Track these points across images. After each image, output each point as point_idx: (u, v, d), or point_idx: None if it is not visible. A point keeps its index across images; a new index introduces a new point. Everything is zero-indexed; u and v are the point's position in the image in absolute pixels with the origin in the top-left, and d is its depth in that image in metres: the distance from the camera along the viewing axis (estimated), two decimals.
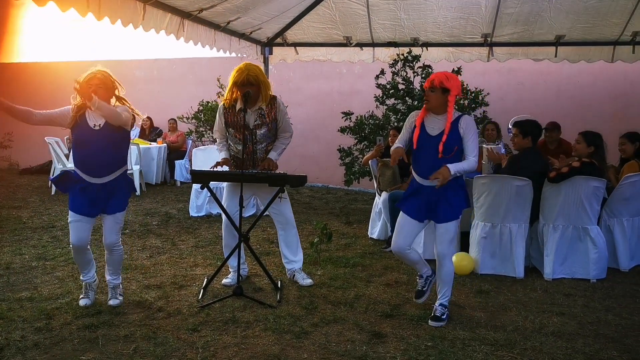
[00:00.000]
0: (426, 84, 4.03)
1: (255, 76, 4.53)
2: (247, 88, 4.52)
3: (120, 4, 4.46)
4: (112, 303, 4.32)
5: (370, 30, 7.55)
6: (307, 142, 10.56)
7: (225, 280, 4.95)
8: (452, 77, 4.00)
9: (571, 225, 5.16)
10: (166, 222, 7.52)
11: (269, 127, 4.73)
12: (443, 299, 4.17)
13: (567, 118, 8.13)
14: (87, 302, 4.33)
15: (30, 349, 3.60)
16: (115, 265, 4.39)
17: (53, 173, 9.87)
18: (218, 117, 4.82)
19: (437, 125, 4.02)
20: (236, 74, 4.54)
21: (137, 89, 12.07)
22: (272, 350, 3.62)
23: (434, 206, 4.02)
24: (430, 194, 4.01)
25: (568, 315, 4.29)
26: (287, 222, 4.93)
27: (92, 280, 4.39)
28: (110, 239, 4.24)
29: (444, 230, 4.04)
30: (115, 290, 4.42)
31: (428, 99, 4.02)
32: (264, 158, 4.78)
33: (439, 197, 3.99)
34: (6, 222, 7.33)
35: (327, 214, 8.18)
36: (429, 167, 3.95)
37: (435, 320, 4.07)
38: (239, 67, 4.57)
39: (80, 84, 4.01)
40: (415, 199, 4.09)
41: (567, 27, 6.97)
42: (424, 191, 4.05)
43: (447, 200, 3.99)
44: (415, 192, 4.11)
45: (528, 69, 9.67)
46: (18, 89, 12.95)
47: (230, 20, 6.32)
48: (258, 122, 4.69)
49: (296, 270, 4.99)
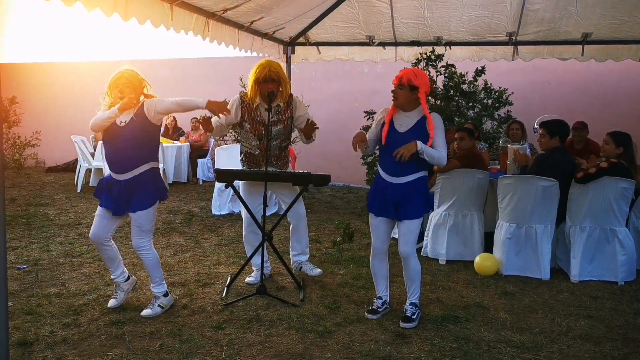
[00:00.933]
0: (395, 81, 4.00)
1: (277, 72, 4.59)
2: (269, 84, 4.54)
3: (148, 5, 4.49)
4: (142, 313, 4.16)
5: (393, 29, 7.50)
6: (328, 141, 10.53)
7: (248, 279, 4.98)
8: (420, 74, 4.02)
9: (599, 227, 5.08)
10: (189, 220, 7.58)
11: (285, 124, 4.77)
12: (413, 297, 4.16)
13: (593, 118, 8.00)
14: (113, 304, 4.29)
15: (58, 344, 3.66)
16: (149, 271, 4.26)
17: (79, 171, 10.01)
18: (234, 105, 4.73)
19: (405, 122, 4.03)
20: (258, 70, 4.58)
21: (161, 89, 12.15)
22: (296, 349, 3.63)
23: (399, 204, 4.00)
24: (395, 192, 4.00)
25: (596, 318, 4.23)
26: (299, 216, 5.00)
27: (121, 279, 4.34)
28: (133, 241, 4.18)
29: (407, 230, 4.02)
30: (156, 300, 4.25)
31: (396, 96, 4.01)
32: (278, 155, 4.82)
33: (405, 196, 3.98)
34: (34, 219, 7.46)
35: (349, 214, 8.17)
36: (397, 164, 3.93)
37: (407, 322, 4.03)
38: (260, 63, 4.62)
39: (110, 84, 4.08)
40: (382, 199, 4.06)
41: (594, 25, 6.85)
42: (390, 189, 4.02)
43: (412, 199, 3.98)
44: (381, 191, 4.07)
45: (553, 68, 9.55)
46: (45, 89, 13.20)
47: (254, 20, 6.33)
48: (274, 118, 4.71)
49: (303, 262, 5.09)
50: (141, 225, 4.13)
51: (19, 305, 4.32)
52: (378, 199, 4.08)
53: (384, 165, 4.09)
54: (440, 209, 5.73)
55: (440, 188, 5.72)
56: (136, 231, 4.15)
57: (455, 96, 7.98)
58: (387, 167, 4.05)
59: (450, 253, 5.64)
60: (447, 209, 5.68)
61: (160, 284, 4.28)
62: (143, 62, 12.32)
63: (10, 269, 5.11)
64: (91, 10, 3.80)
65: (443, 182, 5.68)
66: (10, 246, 5.96)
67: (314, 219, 7.82)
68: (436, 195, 5.75)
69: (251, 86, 4.67)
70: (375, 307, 4.22)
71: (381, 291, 4.30)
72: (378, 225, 4.16)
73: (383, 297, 4.28)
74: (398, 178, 4.00)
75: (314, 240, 6.57)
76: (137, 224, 4.13)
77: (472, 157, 5.76)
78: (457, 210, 5.66)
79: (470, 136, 5.91)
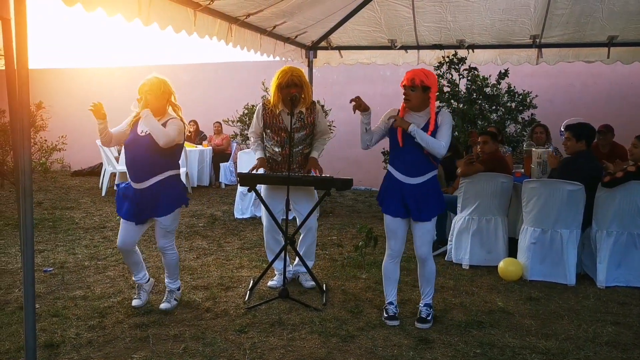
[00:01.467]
0: (406, 82, 3.97)
1: (299, 77, 4.62)
2: (291, 89, 4.58)
3: (171, 11, 4.54)
4: (162, 307, 4.35)
5: (415, 33, 7.47)
6: (350, 145, 10.53)
7: (270, 282, 5.00)
8: (430, 73, 4.02)
9: (626, 232, 5.00)
10: (212, 224, 7.63)
11: (307, 130, 4.79)
12: (427, 299, 4.17)
13: (619, 120, 7.89)
14: (138, 303, 4.41)
15: (84, 346, 3.71)
16: (170, 269, 4.42)
17: (103, 175, 10.15)
18: (256, 117, 4.87)
19: (416, 122, 4.01)
20: (280, 75, 4.63)
21: (184, 93, 12.25)
22: (319, 353, 3.62)
23: (416, 205, 3.99)
24: (411, 193, 3.99)
25: (623, 324, 4.15)
26: (311, 227, 4.95)
27: (144, 281, 4.45)
28: (159, 243, 4.31)
29: (425, 230, 4.04)
30: (171, 294, 4.45)
31: (409, 97, 4.00)
32: (300, 162, 4.83)
33: (421, 196, 3.98)
34: (60, 223, 7.58)
35: (371, 217, 8.15)
36: (412, 164, 3.98)
37: (422, 323, 4.06)
38: (283, 69, 4.67)
39: (139, 92, 4.17)
40: (399, 200, 4.04)
41: (620, 28, 6.75)
42: (406, 189, 4.01)
43: (428, 200, 3.99)
44: (397, 191, 4.05)
45: (578, 70, 9.42)
46: (71, 94, 13.42)
47: (277, 24, 6.36)
48: (297, 125, 4.72)
49: (301, 273, 5.03)
50: (166, 227, 4.25)
51: (46, 307, 4.39)
52: (394, 199, 4.06)
53: (400, 166, 4.07)
54: (464, 213, 5.69)
55: (463, 192, 5.67)
56: (162, 234, 4.26)
57: (478, 99, 7.93)
58: (403, 168, 4.04)
59: (474, 258, 5.59)
60: (470, 214, 5.63)
61: (177, 280, 4.50)
62: (166, 67, 12.47)
63: (37, 272, 5.19)
64: (112, 15, 3.84)
65: (466, 186, 5.64)
66: (37, 249, 6.05)
67: (335, 222, 7.82)
68: (459, 199, 5.71)
69: (273, 92, 4.71)
70: (393, 314, 4.18)
71: (392, 296, 4.25)
72: (396, 227, 4.12)
73: (394, 302, 4.25)
74: (414, 178, 4.00)
75: (335, 244, 6.57)
76: (162, 226, 4.24)
77: (495, 161, 5.70)
78: (480, 215, 5.61)
79: (493, 139, 5.86)
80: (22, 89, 2.96)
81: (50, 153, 10.57)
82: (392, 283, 4.26)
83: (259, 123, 4.85)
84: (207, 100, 12.32)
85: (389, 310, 4.20)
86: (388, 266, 4.24)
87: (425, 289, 4.20)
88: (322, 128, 4.91)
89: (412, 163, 3.98)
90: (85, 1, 3.48)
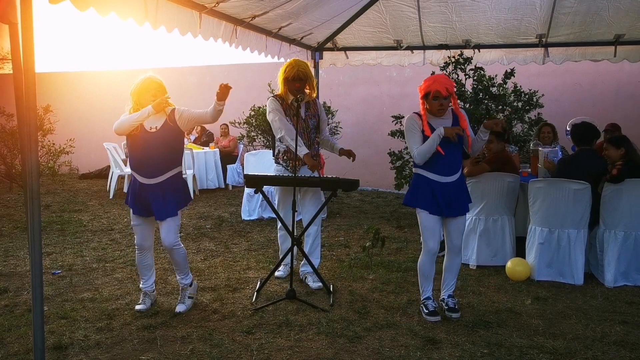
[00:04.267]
0: (444, 93, 4.03)
1: (304, 71, 4.83)
2: (297, 82, 4.79)
3: (177, 14, 4.57)
4: (178, 309, 4.33)
5: (421, 33, 7.47)
6: (357, 145, 10.47)
7: (277, 273, 5.16)
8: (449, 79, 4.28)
9: (634, 232, 4.97)
10: (219, 226, 7.65)
11: (316, 119, 5.02)
12: (451, 290, 4.34)
13: (626, 119, 7.86)
14: (143, 308, 4.39)
15: (92, 348, 3.73)
16: (180, 265, 4.40)
17: (111, 178, 10.20)
18: (273, 111, 4.86)
19: (442, 125, 4.13)
20: (287, 69, 4.83)
21: (191, 96, 12.35)
22: (326, 354, 3.63)
23: (452, 201, 4.15)
24: (447, 191, 4.14)
25: (631, 324, 4.13)
26: (316, 227, 5.06)
27: (150, 290, 4.48)
28: (168, 240, 4.23)
29: (461, 224, 4.28)
30: (184, 292, 4.43)
31: (443, 107, 4.11)
32: (315, 149, 5.03)
33: (456, 193, 4.16)
34: (68, 225, 7.62)
35: (378, 218, 8.15)
36: (450, 164, 4.14)
37: (454, 312, 4.21)
38: (289, 62, 4.87)
39: (139, 91, 4.18)
40: (435, 198, 4.14)
41: (627, 26, 6.72)
42: (441, 188, 4.13)
43: (462, 195, 4.21)
44: (431, 191, 4.14)
45: (585, 69, 9.38)
46: (79, 98, 13.49)
47: (282, 26, 6.38)
48: (308, 113, 4.94)
49: (308, 273, 5.08)
50: (174, 221, 4.27)
51: (54, 309, 4.41)
52: (432, 199, 4.14)
53: (437, 168, 4.14)
54: (471, 213, 5.67)
55: (470, 192, 5.65)
56: (171, 231, 4.24)
57: (485, 99, 7.90)
58: (441, 169, 4.14)
59: (481, 258, 5.57)
60: (477, 214, 5.62)
61: (188, 275, 4.47)
62: (173, 69, 12.53)
63: (45, 274, 5.23)
64: (125, 19, 3.89)
65: (473, 185, 5.62)
66: (45, 252, 6.09)
67: (343, 223, 7.82)
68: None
69: (281, 84, 4.91)
70: (433, 309, 4.24)
71: (429, 291, 4.32)
72: (434, 226, 4.19)
73: (431, 297, 4.32)
74: (451, 177, 4.16)
75: (342, 245, 6.57)
76: (169, 224, 4.23)
77: (502, 160, 5.68)
78: (487, 215, 5.59)
79: (499, 138, 5.82)
80: (29, 93, 2.98)
81: (58, 156, 10.64)
82: (429, 280, 4.33)
83: (280, 112, 4.85)
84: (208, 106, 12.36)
85: (429, 305, 4.26)
86: (426, 264, 4.30)
87: (450, 282, 4.35)
88: (322, 124, 5.11)
89: (449, 163, 4.14)
90: (99, 6, 3.52)
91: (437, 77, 4.14)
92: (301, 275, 5.16)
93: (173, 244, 4.27)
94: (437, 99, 4.05)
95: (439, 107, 4.08)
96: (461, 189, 4.23)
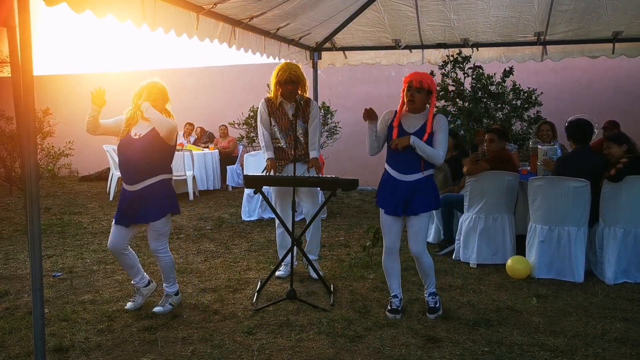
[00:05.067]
0: (416, 84, 4.03)
1: (296, 75, 4.99)
2: (289, 85, 4.95)
3: (175, 15, 4.57)
4: (155, 309, 4.36)
5: (419, 32, 7.47)
6: (356, 145, 10.55)
7: (278, 273, 5.18)
8: (431, 77, 4.17)
9: (634, 228, 4.97)
10: (219, 227, 7.65)
11: (304, 119, 5.14)
12: (430, 288, 4.30)
13: (625, 116, 7.86)
14: (131, 306, 4.42)
15: (93, 349, 3.73)
16: (165, 272, 4.41)
17: (111, 180, 10.20)
18: (261, 111, 5.19)
19: (413, 124, 4.13)
20: (279, 72, 4.99)
21: (190, 97, 12.36)
22: (327, 353, 3.63)
23: (406, 200, 4.09)
24: (405, 190, 4.08)
25: (632, 320, 4.13)
26: (316, 222, 5.16)
27: (142, 284, 4.46)
28: (152, 245, 4.31)
29: (418, 228, 4.12)
30: (167, 298, 4.44)
31: (414, 99, 4.07)
32: (304, 148, 5.14)
33: (413, 193, 4.07)
34: (68, 228, 7.63)
35: (377, 218, 8.10)
36: (406, 162, 4.09)
37: (433, 312, 4.19)
38: (281, 66, 5.03)
39: (139, 94, 4.25)
40: (392, 197, 4.13)
41: (625, 24, 6.72)
42: (401, 186, 4.10)
43: (419, 195, 4.08)
44: (391, 189, 4.15)
45: (583, 67, 9.39)
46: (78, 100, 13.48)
47: (280, 26, 6.38)
48: (297, 114, 5.00)
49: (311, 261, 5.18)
50: (158, 229, 4.27)
51: (55, 312, 4.41)
52: (389, 197, 4.16)
53: (395, 164, 4.17)
54: (470, 212, 5.68)
55: (469, 191, 5.66)
56: (154, 236, 4.29)
57: (484, 98, 7.91)
58: (398, 166, 4.14)
59: (481, 256, 5.58)
60: (477, 212, 5.62)
61: (173, 284, 4.47)
62: (172, 71, 12.52)
63: (46, 277, 5.23)
64: (123, 21, 3.89)
65: (472, 184, 5.63)
66: (45, 254, 6.10)
67: (343, 223, 7.82)
68: (466, 198, 5.70)
69: (273, 87, 5.08)
70: (396, 307, 4.26)
71: (396, 289, 4.35)
72: (390, 224, 4.23)
73: (399, 295, 4.34)
74: (408, 176, 4.10)
75: (342, 244, 6.57)
76: (154, 229, 4.26)
77: (501, 159, 5.68)
78: (487, 213, 5.60)
79: (501, 137, 5.83)
80: (27, 96, 2.99)
81: (58, 159, 10.63)
82: (394, 277, 4.34)
83: (265, 112, 5.16)
84: (212, 104, 12.37)
85: (393, 303, 4.29)
86: (386, 262, 4.35)
87: (426, 281, 4.34)
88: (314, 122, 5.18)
89: (405, 161, 4.10)
90: (95, 8, 3.52)
91: (417, 71, 4.17)
92: (304, 264, 5.30)
93: (156, 250, 4.31)
94: (409, 90, 4.06)
95: (409, 98, 4.07)
96: (421, 190, 4.08)
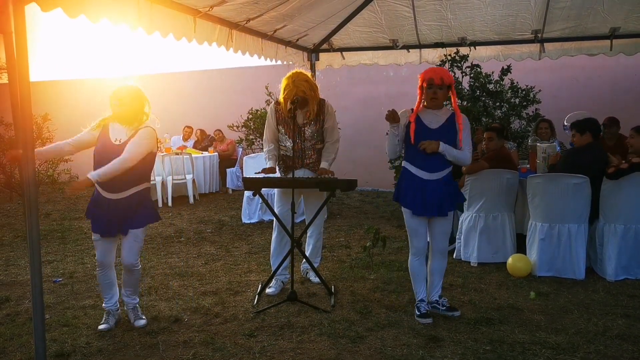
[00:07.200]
0: (437, 82, 3.96)
1: (303, 90, 4.66)
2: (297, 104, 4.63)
3: (171, 19, 4.57)
4: (138, 324, 4.15)
5: (416, 32, 7.48)
6: (355, 146, 10.56)
7: (269, 290, 4.89)
8: (449, 72, 4.20)
9: (634, 225, 4.97)
10: (220, 230, 7.65)
11: (317, 126, 4.87)
12: (439, 291, 4.28)
13: (624, 113, 7.84)
14: (106, 327, 4.12)
15: (94, 355, 3.72)
16: (135, 285, 4.24)
17: None
18: (269, 117, 4.93)
19: (435, 120, 4.05)
20: (286, 92, 4.68)
21: (189, 101, 12.36)
22: (329, 354, 3.62)
23: (436, 200, 4.01)
24: (435, 189, 4.01)
25: (634, 317, 4.13)
26: (316, 225, 5.09)
27: (114, 309, 4.22)
28: (129, 259, 4.06)
29: (446, 225, 4.13)
30: (136, 311, 4.24)
31: (437, 96, 4.01)
32: (312, 156, 4.91)
33: (441, 191, 4.01)
34: (69, 233, 7.62)
35: (378, 218, 8.15)
36: (433, 160, 4.01)
37: (455, 310, 4.20)
38: (287, 82, 4.69)
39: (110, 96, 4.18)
40: (422, 197, 4.02)
41: (622, 19, 6.72)
42: (429, 186, 4.02)
43: (448, 194, 4.04)
44: (419, 190, 4.03)
45: (582, 64, 9.38)
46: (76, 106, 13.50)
47: (277, 28, 6.39)
48: (306, 120, 4.83)
49: (309, 269, 5.13)
50: (137, 241, 4.07)
51: (56, 317, 4.41)
52: (418, 197, 4.03)
53: (421, 163, 4.04)
54: (470, 211, 5.68)
55: (469, 190, 5.66)
56: (133, 250, 4.07)
57: (482, 96, 7.90)
58: (425, 165, 4.03)
59: (482, 255, 5.58)
60: (477, 211, 5.62)
61: (137, 294, 4.33)
62: (170, 75, 12.53)
63: (46, 282, 5.22)
64: (117, 24, 3.89)
65: (472, 183, 5.62)
66: (46, 260, 6.09)
67: (343, 224, 7.82)
68: (465, 197, 5.70)
69: (282, 98, 4.79)
70: (425, 311, 4.16)
71: (423, 293, 4.22)
72: (418, 224, 4.11)
73: (425, 299, 4.23)
74: (436, 173, 4.02)
75: (343, 245, 6.57)
76: (133, 239, 4.04)
77: (500, 157, 5.68)
78: (487, 212, 5.59)
79: (499, 136, 5.83)
80: (24, 102, 2.99)
81: (57, 164, 10.62)
82: (421, 281, 4.24)
83: (272, 119, 4.90)
84: (211, 107, 12.36)
85: (421, 308, 4.18)
86: (414, 264, 4.22)
87: (438, 283, 4.27)
88: (330, 124, 4.91)
89: (432, 159, 4.00)
90: (90, 12, 3.53)
91: (434, 68, 4.10)
92: (302, 272, 5.20)
93: (134, 265, 4.10)
94: (431, 88, 3.99)
95: (432, 96, 3.99)
96: (449, 189, 4.04)
